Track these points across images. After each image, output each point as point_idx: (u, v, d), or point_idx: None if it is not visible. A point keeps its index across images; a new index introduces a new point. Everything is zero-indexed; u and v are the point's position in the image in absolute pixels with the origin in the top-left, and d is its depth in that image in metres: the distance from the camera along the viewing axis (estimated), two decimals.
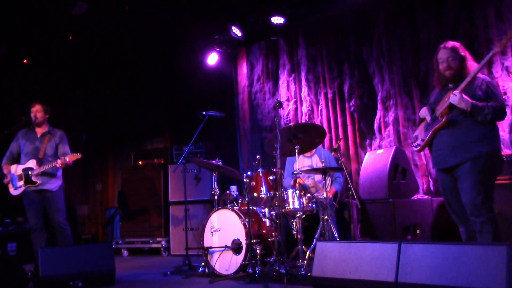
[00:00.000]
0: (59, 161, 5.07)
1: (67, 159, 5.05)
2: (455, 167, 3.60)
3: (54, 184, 5.31)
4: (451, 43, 3.76)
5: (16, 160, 5.46)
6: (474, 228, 3.54)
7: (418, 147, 3.91)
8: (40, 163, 5.25)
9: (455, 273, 2.79)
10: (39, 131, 5.47)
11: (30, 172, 5.20)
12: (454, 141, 3.59)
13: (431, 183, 5.87)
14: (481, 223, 3.45)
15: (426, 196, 5.73)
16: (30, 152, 5.35)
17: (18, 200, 5.49)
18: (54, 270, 4.29)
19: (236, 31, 7.23)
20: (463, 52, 3.71)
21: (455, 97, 3.50)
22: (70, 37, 7.68)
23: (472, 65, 3.69)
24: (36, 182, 5.19)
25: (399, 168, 5.46)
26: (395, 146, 5.69)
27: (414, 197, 5.60)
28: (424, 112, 3.87)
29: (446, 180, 3.74)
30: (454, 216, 3.76)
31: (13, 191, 5.35)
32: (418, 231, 5.26)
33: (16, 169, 5.33)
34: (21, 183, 5.26)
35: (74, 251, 4.54)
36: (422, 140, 3.84)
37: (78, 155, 5.11)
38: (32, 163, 5.25)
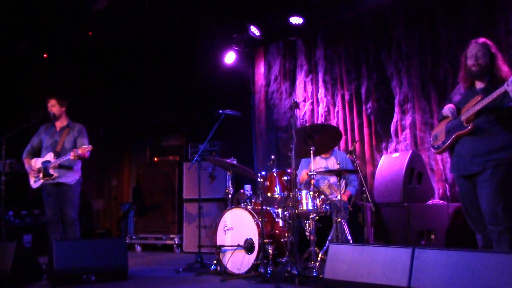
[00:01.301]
0: (71, 153, 5.12)
1: (78, 151, 5.09)
2: (476, 174, 3.54)
3: (71, 178, 5.38)
4: (483, 39, 3.66)
5: (36, 154, 5.56)
6: (492, 236, 3.47)
7: (438, 149, 3.84)
8: (57, 156, 5.32)
9: (469, 280, 2.76)
10: (59, 125, 5.56)
11: (48, 166, 5.28)
12: (476, 149, 3.52)
13: (447, 188, 5.81)
14: (499, 232, 3.39)
15: (441, 201, 5.68)
16: (50, 146, 5.44)
17: (35, 193, 5.57)
18: (68, 263, 4.33)
19: (254, 30, 7.23)
20: (495, 50, 3.61)
21: None
22: (90, 33, 7.76)
23: (502, 66, 3.58)
24: (52, 175, 5.27)
25: (415, 172, 5.41)
26: (411, 150, 5.64)
27: (430, 202, 5.54)
28: (448, 111, 3.74)
29: (465, 187, 3.67)
30: (471, 223, 3.70)
31: (33, 184, 5.44)
32: (432, 237, 5.20)
33: (36, 163, 5.42)
34: (40, 176, 5.34)
35: (88, 245, 4.58)
36: (443, 142, 3.78)
37: (89, 147, 5.16)
38: (50, 156, 5.35)
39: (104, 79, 9.53)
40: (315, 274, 4.13)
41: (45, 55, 8.46)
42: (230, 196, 5.24)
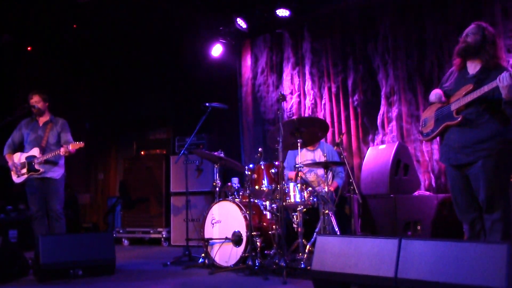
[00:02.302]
0: (62, 149, 5.09)
1: (70, 147, 5.06)
2: (467, 165, 3.53)
3: (57, 172, 5.35)
4: (483, 23, 3.63)
5: (17, 149, 5.50)
6: (486, 226, 3.47)
7: (427, 137, 3.83)
8: (43, 151, 5.28)
9: (455, 270, 2.78)
10: (41, 120, 5.50)
11: (33, 161, 5.23)
12: (465, 140, 3.51)
13: (433, 180, 5.87)
14: (493, 221, 3.40)
15: (427, 193, 5.73)
16: (33, 141, 5.38)
17: (20, 188, 5.51)
18: (55, 258, 4.29)
19: (241, 23, 7.21)
20: (489, 34, 3.54)
21: (507, 80, 3.17)
22: (74, 26, 7.67)
23: (498, 52, 3.53)
24: (39, 170, 5.22)
25: (401, 163, 5.45)
26: (397, 142, 5.68)
27: (416, 193, 5.59)
28: (434, 97, 3.72)
29: (455, 176, 3.65)
30: (459, 213, 3.68)
31: (16, 179, 5.38)
32: (418, 228, 5.25)
33: (20, 157, 5.36)
34: (24, 170, 5.29)
35: (75, 239, 4.55)
36: (432, 131, 3.76)
37: (81, 144, 5.13)
38: (35, 151, 5.29)
39: (90, 72, 9.44)
40: (303, 266, 4.15)
41: (29, 48, 8.36)
42: (217, 189, 5.23)
